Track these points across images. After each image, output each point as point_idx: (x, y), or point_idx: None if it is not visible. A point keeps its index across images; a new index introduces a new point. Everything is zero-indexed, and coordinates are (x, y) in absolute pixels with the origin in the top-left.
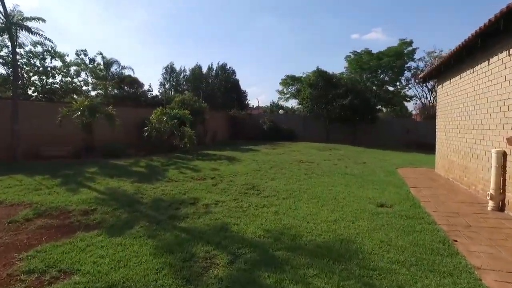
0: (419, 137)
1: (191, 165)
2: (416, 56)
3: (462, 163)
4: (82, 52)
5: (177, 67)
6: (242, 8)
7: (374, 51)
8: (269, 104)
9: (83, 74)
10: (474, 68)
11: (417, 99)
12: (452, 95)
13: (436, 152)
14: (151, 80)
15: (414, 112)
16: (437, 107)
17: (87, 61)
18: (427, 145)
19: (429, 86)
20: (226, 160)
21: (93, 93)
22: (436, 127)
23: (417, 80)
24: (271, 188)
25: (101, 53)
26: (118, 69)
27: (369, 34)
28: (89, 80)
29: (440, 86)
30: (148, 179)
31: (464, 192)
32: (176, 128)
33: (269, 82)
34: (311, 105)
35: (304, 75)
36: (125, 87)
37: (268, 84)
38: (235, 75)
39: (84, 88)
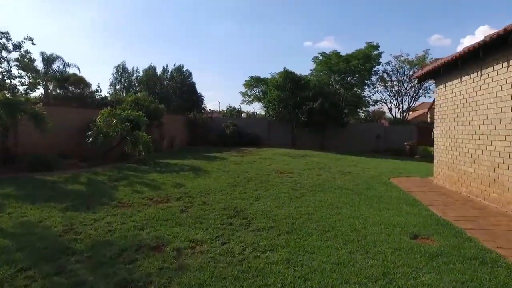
0: (388, 142)
1: (148, 180)
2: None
3: (488, 176)
4: (3, 36)
5: (129, 67)
6: (198, 12)
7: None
8: (225, 109)
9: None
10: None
11: (383, 103)
12: (465, 95)
13: (435, 161)
14: (101, 81)
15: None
16: (436, 110)
17: (11, 48)
18: (397, 151)
19: (394, 91)
20: (191, 172)
21: (34, 94)
22: (435, 132)
23: (412, 79)
24: (261, 214)
25: (30, 39)
26: (61, 67)
27: (322, 42)
28: (17, 73)
29: (442, 86)
30: (89, 203)
31: (498, 211)
32: (128, 132)
33: (226, 87)
34: (278, 108)
35: (269, 76)
36: (70, 87)
37: (225, 89)
38: (192, 78)
39: (8, 82)
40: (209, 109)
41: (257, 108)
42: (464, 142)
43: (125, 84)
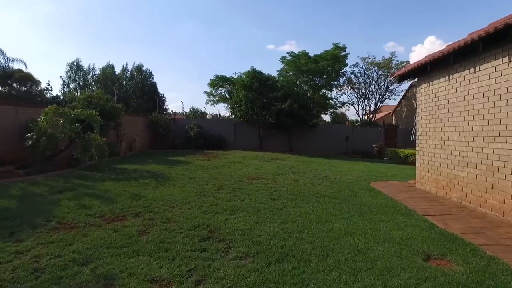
0: (356, 144)
1: (100, 190)
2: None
3: (485, 181)
4: None
5: (85, 65)
6: (161, 12)
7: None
8: (188, 111)
9: None
10: None
11: (349, 105)
12: (454, 94)
13: (417, 164)
14: (53, 79)
15: (354, 118)
16: (419, 110)
17: None
18: (365, 153)
19: (361, 93)
20: (152, 179)
21: None
22: (417, 133)
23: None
24: (241, 233)
25: None
26: (3, 61)
27: (284, 46)
28: None
29: (425, 85)
30: (17, 225)
31: (501, 220)
32: (78, 134)
33: (189, 88)
34: (245, 109)
35: (235, 76)
36: (15, 84)
37: (189, 91)
38: (153, 78)
39: None
40: (172, 111)
41: (222, 109)
42: (454, 144)
43: (80, 83)
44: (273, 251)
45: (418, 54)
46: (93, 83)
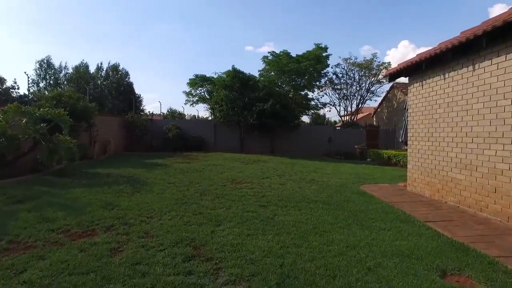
0: (338, 145)
1: (67, 199)
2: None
3: (486, 184)
4: None
5: (57, 63)
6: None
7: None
8: (166, 112)
9: None
10: None
11: (331, 106)
12: (450, 93)
13: (409, 166)
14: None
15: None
16: (410, 111)
17: None
18: (348, 154)
19: (342, 94)
20: (128, 185)
21: None
22: (408, 133)
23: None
24: (231, 249)
25: None
26: None
27: (262, 47)
28: None
29: (417, 85)
30: None
31: (506, 226)
32: (44, 135)
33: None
34: (226, 109)
35: (216, 75)
36: None
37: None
38: (129, 77)
39: None
40: (149, 112)
41: (201, 110)
42: (451, 145)
43: (51, 82)
44: (271, 272)
45: (392, 58)
46: (65, 82)
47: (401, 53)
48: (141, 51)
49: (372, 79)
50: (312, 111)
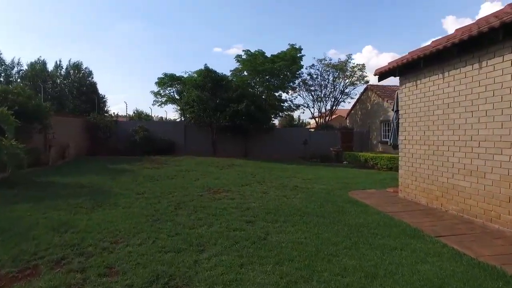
0: (313, 147)
1: (6, 220)
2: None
3: (497, 193)
4: None
5: (8, 59)
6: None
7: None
8: (132, 113)
9: None
10: None
11: (304, 108)
12: (451, 93)
13: (401, 171)
14: None
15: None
16: (402, 112)
17: None
18: (324, 157)
19: (315, 95)
20: (87, 198)
21: None
22: (400, 137)
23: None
24: None
25: None
26: None
27: (231, 49)
28: None
29: (410, 84)
30: None
31: None
32: None
33: (132, 91)
34: (197, 110)
35: (186, 75)
36: None
37: (132, 93)
38: (92, 77)
39: None
40: (114, 113)
41: (170, 111)
42: (452, 149)
43: (1, 79)
44: None
45: (357, 62)
46: (18, 80)
47: (365, 57)
48: (104, 51)
49: (346, 80)
50: (286, 113)
